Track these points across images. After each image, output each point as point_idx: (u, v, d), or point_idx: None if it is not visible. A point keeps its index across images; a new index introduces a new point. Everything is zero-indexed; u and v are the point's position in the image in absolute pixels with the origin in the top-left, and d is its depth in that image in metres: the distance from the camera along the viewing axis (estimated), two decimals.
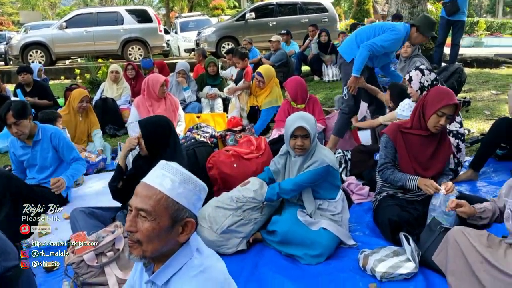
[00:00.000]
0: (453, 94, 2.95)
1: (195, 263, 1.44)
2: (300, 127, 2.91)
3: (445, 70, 6.55)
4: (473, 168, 3.86)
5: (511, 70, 8.27)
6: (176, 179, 1.42)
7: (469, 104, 5.96)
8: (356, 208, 3.57)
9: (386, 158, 3.11)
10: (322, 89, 8.79)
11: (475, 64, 9.05)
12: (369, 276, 2.63)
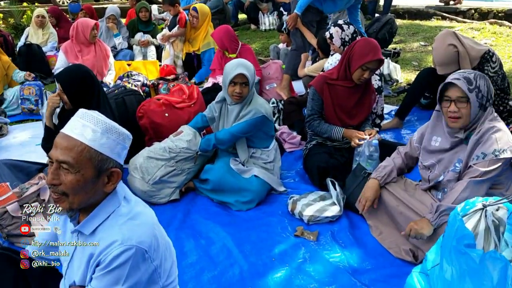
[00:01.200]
0: (378, 49, 3.01)
1: (123, 211, 1.44)
2: (240, 74, 2.90)
3: (377, 21, 6.67)
4: (399, 117, 4.04)
5: (440, 22, 8.56)
6: (98, 129, 1.38)
7: (398, 55, 6.15)
8: (288, 156, 3.67)
9: (313, 110, 3.19)
10: (259, 38, 8.70)
11: (406, 15, 9.28)
12: (297, 219, 2.74)
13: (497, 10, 8.93)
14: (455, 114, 2.27)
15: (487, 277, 1.65)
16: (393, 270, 2.27)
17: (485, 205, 1.86)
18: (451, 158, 2.37)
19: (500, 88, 3.77)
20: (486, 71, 3.73)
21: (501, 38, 6.59)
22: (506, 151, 2.21)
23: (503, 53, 5.87)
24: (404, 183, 2.61)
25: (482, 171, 2.20)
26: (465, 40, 3.77)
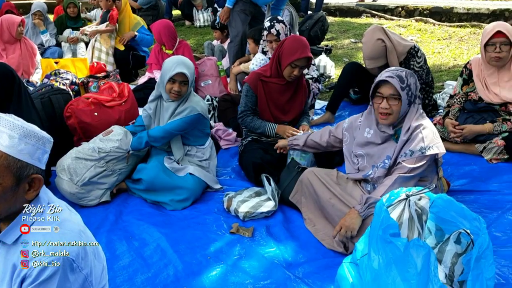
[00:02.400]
0: (306, 47, 3.07)
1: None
2: (180, 73, 2.85)
3: (310, 18, 6.82)
4: (330, 111, 4.14)
5: (369, 19, 8.85)
6: (15, 134, 1.30)
7: (330, 52, 6.30)
8: (224, 153, 3.65)
9: (246, 106, 3.20)
10: (194, 34, 8.63)
11: (337, 13, 9.53)
12: (233, 217, 2.74)
13: (422, 8, 9.36)
14: (386, 110, 2.36)
15: (412, 264, 1.72)
16: (325, 261, 2.32)
17: (408, 195, 1.94)
18: (380, 154, 2.45)
19: (425, 82, 3.95)
20: (412, 65, 3.90)
21: (425, 34, 6.92)
22: (432, 148, 2.32)
23: (427, 49, 6.16)
24: (337, 176, 2.68)
25: (410, 167, 2.30)
26: (393, 35, 3.92)
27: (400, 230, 1.90)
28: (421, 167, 2.32)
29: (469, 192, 2.89)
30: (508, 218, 2.58)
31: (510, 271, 2.17)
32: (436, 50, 6.04)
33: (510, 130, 3.12)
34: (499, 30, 3.12)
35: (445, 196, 2.00)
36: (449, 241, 1.96)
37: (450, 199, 1.99)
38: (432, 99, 4.08)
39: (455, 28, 7.19)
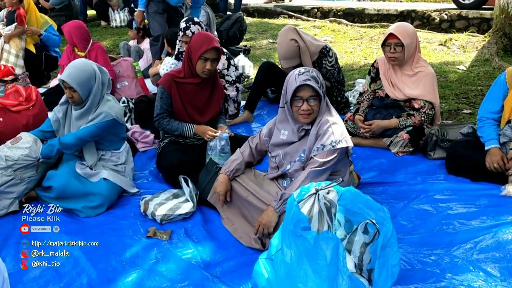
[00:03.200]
0: (212, 39, 3.09)
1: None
2: (62, 80, 2.77)
3: (227, 19, 6.85)
4: (248, 110, 4.18)
5: (286, 20, 9.07)
6: None
7: (249, 52, 6.37)
8: (141, 156, 3.58)
9: (162, 109, 3.16)
10: (110, 35, 8.38)
11: (256, 14, 9.66)
12: (150, 220, 2.69)
13: (336, 9, 9.75)
14: (308, 112, 2.42)
15: (321, 256, 1.78)
16: (243, 259, 2.34)
17: (318, 190, 2.01)
18: (297, 149, 2.52)
19: (337, 80, 4.12)
20: (324, 65, 4.05)
21: (339, 35, 7.21)
22: (342, 141, 2.42)
23: (340, 48, 6.43)
24: (254, 174, 2.72)
25: (321, 161, 2.38)
26: (305, 36, 4.05)
27: (311, 224, 1.97)
28: (332, 160, 2.41)
29: (378, 184, 3.05)
30: (413, 207, 2.75)
31: (415, 257, 2.30)
32: (348, 49, 6.31)
33: (414, 125, 3.33)
34: (391, 33, 3.35)
35: (352, 189, 2.10)
36: (357, 231, 2.05)
37: (357, 192, 2.09)
38: (344, 96, 4.26)
39: (366, 29, 7.56)
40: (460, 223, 2.54)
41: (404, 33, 3.35)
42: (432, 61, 5.29)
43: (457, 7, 8.49)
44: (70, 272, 2.24)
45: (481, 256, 2.25)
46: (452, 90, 4.39)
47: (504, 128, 2.91)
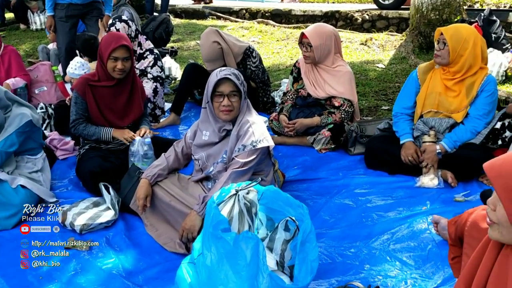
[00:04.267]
0: (121, 38, 3.01)
1: None
2: None
3: (153, 20, 6.72)
4: (174, 112, 4.13)
5: (215, 21, 9.05)
6: None
7: (176, 54, 6.29)
8: (61, 164, 3.43)
9: (77, 114, 3.05)
10: (30, 38, 7.98)
11: (183, 15, 9.57)
12: (69, 231, 2.58)
13: (264, 10, 9.85)
14: (229, 108, 2.42)
15: (241, 256, 1.78)
16: (167, 265, 2.30)
17: (238, 190, 2.02)
18: (220, 150, 2.51)
19: (262, 81, 4.16)
20: (249, 65, 4.08)
21: (266, 36, 7.29)
22: (262, 141, 2.44)
23: (267, 49, 6.51)
24: (178, 178, 2.68)
25: (243, 162, 2.39)
26: (228, 37, 4.05)
27: (231, 225, 1.98)
28: (254, 160, 2.43)
29: (303, 181, 3.11)
30: (335, 202, 2.84)
31: (336, 251, 2.37)
32: (275, 50, 6.40)
33: (335, 122, 3.43)
34: (303, 32, 3.47)
35: (272, 187, 2.13)
36: (278, 229, 2.08)
37: (277, 190, 2.12)
38: (270, 96, 4.31)
39: (292, 29, 7.70)
40: (378, 215, 2.65)
41: (315, 34, 3.45)
42: (354, 60, 5.49)
43: (378, 8, 8.85)
44: None
45: (397, 246, 2.36)
46: (371, 87, 4.57)
47: (417, 123, 3.07)
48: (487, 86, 2.88)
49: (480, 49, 2.87)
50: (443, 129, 2.96)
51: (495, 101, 2.94)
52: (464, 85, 2.91)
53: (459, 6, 5.52)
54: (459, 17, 5.37)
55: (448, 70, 2.94)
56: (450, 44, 2.84)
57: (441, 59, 2.91)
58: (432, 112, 3.02)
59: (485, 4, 9.09)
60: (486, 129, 2.89)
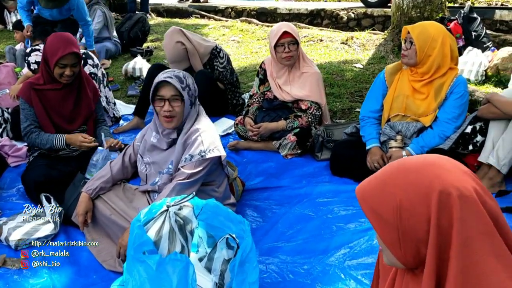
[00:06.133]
0: (70, 42, 2.81)
1: None
2: None
3: (129, 20, 6.56)
4: (138, 116, 3.93)
5: (198, 20, 8.85)
6: None
7: (151, 54, 6.11)
8: (12, 172, 3.23)
9: (27, 121, 2.86)
10: (5, 39, 7.81)
11: (165, 14, 9.37)
12: (5, 246, 2.39)
13: (250, 9, 9.66)
14: (170, 113, 2.24)
15: (166, 281, 1.61)
16: (103, 285, 2.12)
17: (169, 206, 1.84)
18: (166, 159, 2.35)
19: (230, 82, 3.97)
20: (216, 66, 3.90)
21: (247, 35, 7.10)
22: (212, 151, 2.26)
23: (247, 48, 6.32)
24: (123, 188, 2.50)
25: (189, 173, 2.22)
26: (193, 37, 3.87)
27: (160, 246, 1.79)
28: (202, 171, 2.25)
29: (264, 190, 2.93)
30: (295, 212, 2.66)
31: (289, 268, 2.19)
32: (254, 49, 6.22)
33: (301, 126, 3.25)
34: (285, 31, 3.23)
35: (212, 201, 1.95)
36: (216, 248, 1.90)
37: (217, 204, 1.94)
38: (240, 98, 4.12)
39: None
40: (337, 227, 2.48)
41: (295, 31, 3.28)
42: (332, 60, 5.31)
43: (364, 6, 8.67)
44: None
45: (353, 262, 2.19)
46: (347, 88, 4.39)
47: (384, 127, 2.89)
48: (456, 88, 2.69)
49: (449, 48, 2.68)
50: (411, 133, 2.78)
51: (466, 103, 2.75)
52: (432, 87, 2.73)
53: (441, 3, 5.34)
54: (440, 14, 5.19)
55: (416, 71, 2.76)
56: (417, 43, 2.66)
57: (408, 59, 2.73)
58: (399, 116, 2.84)
59: (477, 1, 8.94)
60: (455, 134, 2.70)
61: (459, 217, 0.95)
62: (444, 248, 0.97)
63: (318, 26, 7.97)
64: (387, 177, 1.06)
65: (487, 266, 0.95)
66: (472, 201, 0.96)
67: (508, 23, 6.70)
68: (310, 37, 6.41)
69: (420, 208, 0.98)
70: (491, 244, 0.96)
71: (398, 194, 1.01)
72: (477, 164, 2.70)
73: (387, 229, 1.03)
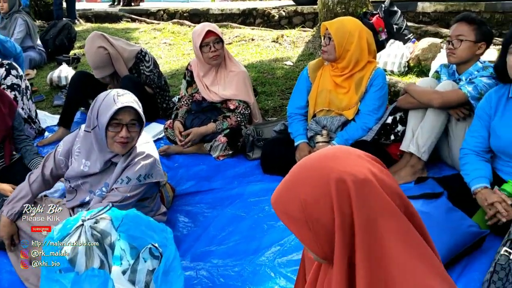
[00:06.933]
0: None
1: None
2: None
3: (53, 27, 6.30)
4: (62, 126, 3.76)
5: (128, 24, 8.64)
6: None
7: (78, 61, 5.90)
8: None
9: None
10: None
11: (94, 19, 9.09)
12: None
13: (182, 11, 9.54)
14: (126, 139, 2.12)
15: None
16: None
17: (84, 220, 1.76)
18: (99, 180, 2.24)
19: (159, 86, 3.89)
20: (142, 70, 3.81)
21: (179, 37, 7.01)
22: (151, 176, 2.20)
23: (178, 51, 6.24)
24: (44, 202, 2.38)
25: (123, 196, 2.13)
26: (116, 41, 3.76)
27: (76, 262, 1.71)
28: (137, 195, 2.18)
29: (195, 194, 2.89)
30: (227, 214, 2.64)
31: (219, 272, 2.17)
32: (186, 51, 6.15)
33: (231, 126, 3.23)
34: (209, 30, 3.20)
35: (132, 212, 1.89)
36: (139, 259, 1.85)
37: (137, 214, 1.88)
38: (170, 102, 4.05)
39: None
40: (268, 226, 2.48)
41: (219, 30, 3.27)
42: (263, 59, 5.33)
43: (295, 3, 8.79)
44: None
45: (283, 260, 2.19)
46: (278, 86, 4.42)
47: (310, 123, 2.93)
48: (375, 80, 2.77)
49: (366, 42, 2.75)
50: (335, 127, 2.83)
51: (385, 95, 2.84)
52: (353, 80, 2.79)
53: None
54: (364, 9, 5.33)
55: (336, 66, 2.81)
56: (335, 39, 2.71)
57: (328, 55, 2.78)
58: (324, 111, 2.89)
59: None
60: (377, 125, 2.78)
61: (356, 201, 0.97)
62: (350, 235, 0.99)
63: (251, 26, 8.01)
64: (292, 178, 1.09)
65: (391, 248, 0.97)
66: (367, 184, 0.99)
67: (430, 14, 6.99)
68: (241, 37, 6.42)
69: (322, 200, 1.00)
70: (395, 224, 0.99)
71: (301, 192, 1.03)
72: (400, 153, 2.79)
73: (299, 228, 1.05)
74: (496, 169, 2.29)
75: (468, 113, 2.58)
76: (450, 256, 1.94)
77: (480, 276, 1.90)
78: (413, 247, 0.99)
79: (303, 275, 1.42)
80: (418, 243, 0.99)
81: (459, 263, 2.00)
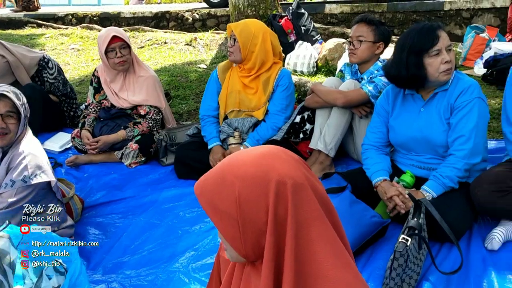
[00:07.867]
0: None
1: None
2: None
3: None
4: None
5: (34, 30, 8.18)
6: None
7: None
8: None
9: None
10: None
11: None
12: None
13: (92, 14, 9.21)
14: (3, 130, 2.06)
15: None
16: None
17: None
18: None
19: (64, 94, 3.72)
20: (46, 78, 3.63)
21: (88, 42, 6.76)
22: (38, 176, 2.09)
23: (87, 56, 6.01)
24: None
25: (9, 201, 2.01)
26: (15, 48, 3.55)
27: None
28: (25, 198, 2.06)
29: (107, 204, 2.79)
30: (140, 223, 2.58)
31: (133, 282, 2.11)
32: (96, 57, 5.93)
33: (143, 133, 3.16)
34: (114, 35, 3.11)
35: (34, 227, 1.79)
36: (43, 276, 1.75)
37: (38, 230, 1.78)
38: (78, 110, 3.87)
39: None
40: (183, 231, 2.46)
41: (125, 35, 3.20)
42: (177, 62, 5.28)
43: (208, 6, 8.80)
44: None
45: (198, 264, 2.18)
46: (192, 89, 4.40)
47: (222, 125, 2.94)
48: (281, 81, 2.84)
49: (271, 44, 2.81)
50: (247, 128, 2.87)
51: (292, 94, 2.92)
52: (260, 81, 2.84)
53: (274, 0, 5.61)
54: (274, 11, 5.45)
55: (243, 67, 2.85)
56: (240, 40, 2.74)
57: (234, 56, 2.81)
58: (235, 112, 2.92)
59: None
60: (286, 124, 2.85)
61: (292, 204, 0.97)
62: (281, 237, 0.98)
63: (165, 29, 7.89)
64: (225, 170, 1.03)
65: (319, 253, 0.98)
66: (304, 189, 0.99)
67: (337, 15, 7.31)
68: (154, 40, 6.31)
69: (259, 199, 0.98)
70: (324, 229, 1.00)
71: (236, 187, 0.99)
72: (309, 150, 2.88)
73: (226, 223, 1.01)
74: (395, 161, 2.43)
75: (369, 111, 2.72)
76: (356, 247, 2.02)
77: (384, 264, 2.00)
78: (334, 253, 1.01)
79: (217, 275, 1.41)
80: (343, 251, 1.01)
81: (364, 252, 2.10)
